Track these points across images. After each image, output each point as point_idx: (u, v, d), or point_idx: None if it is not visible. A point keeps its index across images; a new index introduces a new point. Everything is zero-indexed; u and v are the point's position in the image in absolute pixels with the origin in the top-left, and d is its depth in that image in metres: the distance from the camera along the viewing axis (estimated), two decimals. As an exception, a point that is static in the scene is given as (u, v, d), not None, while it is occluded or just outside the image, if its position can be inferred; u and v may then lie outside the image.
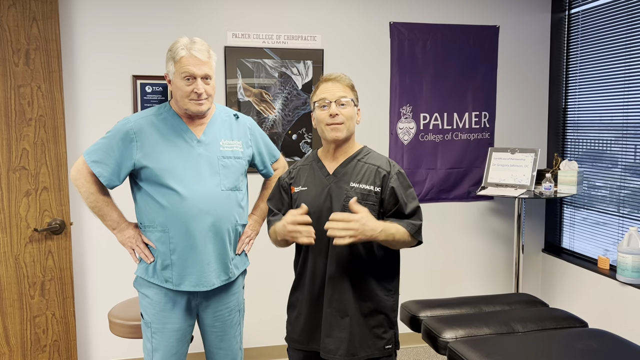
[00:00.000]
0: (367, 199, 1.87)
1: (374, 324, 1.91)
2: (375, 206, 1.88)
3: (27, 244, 2.75)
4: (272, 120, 3.39)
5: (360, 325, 1.90)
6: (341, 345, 1.89)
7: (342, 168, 1.93)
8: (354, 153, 1.96)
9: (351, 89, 1.95)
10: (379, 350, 1.91)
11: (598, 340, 2.09)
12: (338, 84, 1.93)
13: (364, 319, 1.90)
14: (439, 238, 3.72)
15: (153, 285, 2.08)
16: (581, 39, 3.56)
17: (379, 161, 1.94)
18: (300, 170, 2.02)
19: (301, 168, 2.02)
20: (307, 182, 1.97)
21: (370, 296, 1.90)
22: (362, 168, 1.92)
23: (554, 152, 3.73)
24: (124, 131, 2.01)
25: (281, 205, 2.01)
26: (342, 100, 1.90)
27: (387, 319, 1.94)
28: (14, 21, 2.67)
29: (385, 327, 1.93)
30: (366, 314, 1.90)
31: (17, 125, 2.70)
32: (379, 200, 1.89)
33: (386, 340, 1.93)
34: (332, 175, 1.94)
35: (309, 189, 1.95)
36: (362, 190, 1.88)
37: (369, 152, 1.98)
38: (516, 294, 2.73)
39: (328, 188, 1.92)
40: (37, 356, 2.83)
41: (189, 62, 1.96)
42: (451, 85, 3.63)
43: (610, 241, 3.33)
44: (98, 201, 2.05)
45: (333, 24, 3.44)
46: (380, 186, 1.89)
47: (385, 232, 1.79)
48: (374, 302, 1.91)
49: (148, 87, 3.19)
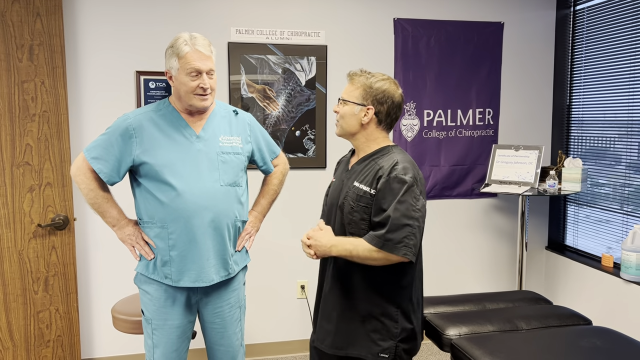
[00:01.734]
0: (361, 201, 1.85)
1: (370, 328, 1.89)
2: (369, 208, 1.84)
3: (31, 239, 2.75)
4: (275, 116, 3.38)
5: (352, 322, 1.90)
6: (327, 337, 1.95)
7: (357, 165, 1.95)
8: (373, 151, 1.93)
9: (362, 88, 1.88)
10: (373, 354, 1.89)
11: (602, 338, 2.08)
12: (349, 82, 1.97)
13: (361, 319, 1.90)
14: (442, 235, 3.72)
15: (153, 282, 2.08)
16: (586, 36, 3.54)
17: (386, 162, 1.85)
18: (340, 164, 2.12)
19: (342, 161, 2.13)
20: (337, 174, 2.07)
21: (363, 299, 1.88)
22: (369, 168, 1.89)
23: (558, 150, 3.72)
24: (123, 127, 2.01)
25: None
26: (341, 98, 1.95)
27: (385, 328, 1.88)
28: (18, 16, 2.66)
29: (382, 335, 1.88)
30: (364, 315, 1.89)
31: (21, 120, 2.70)
32: (372, 203, 1.83)
33: (382, 349, 1.88)
34: (349, 170, 1.97)
35: (335, 182, 2.04)
36: (359, 191, 1.86)
37: (388, 152, 1.91)
38: (520, 292, 2.72)
39: (342, 183, 1.97)
40: (41, 351, 2.84)
41: (194, 58, 1.96)
42: (455, 82, 3.62)
43: (614, 239, 3.32)
44: (98, 198, 2.05)
45: (337, 20, 3.43)
46: (376, 188, 1.83)
47: (337, 248, 1.81)
48: (371, 306, 1.88)
49: (151, 83, 3.19)
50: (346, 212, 1.88)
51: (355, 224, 1.86)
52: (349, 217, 1.87)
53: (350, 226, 1.87)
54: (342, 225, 1.90)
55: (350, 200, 1.87)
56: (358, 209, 1.85)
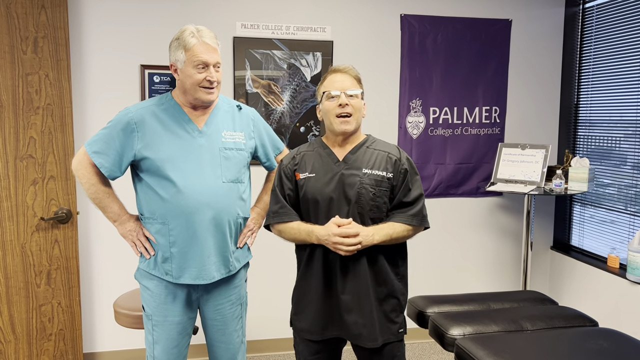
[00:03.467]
0: (381, 185, 1.89)
1: (388, 309, 1.93)
2: (388, 192, 1.90)
3: (34, 232, 2.74)
4: (280, 112, 3.36)
5: (378, 311, 1.91)
6: (363, 330, 1.90)
7: (351, 155, 1.93)
8: (361, 141, 1.99)
9: (358, 82, 1.96)
10: (394, 334, 1.95)
11: (609, 339, 2.05)
12: (347, 75, 1.93)
13: (380, 304, 1.92)
14: (447, 234, 3.69)
15: (154, 278, 2.06)
16: (595, 34, 3.50)
17: (387, 148, 1.97)
18: (305, 156, 1.99)
19: (306, 154, 2.00)
20: (314, 169, 1.94)
21: (385, 281, 1.92)
22: (372, 154, 1.93)
23: (565, 149, 3.69)
24: (124, 121, 1.99)
25: (289, 192, 1.96)
26: (350, 91, 1.90)
27: (399, 303, 1.96)
28: (23, 9, 2.65)
29: (397, 312, 1.96)
30: (382, 298, 1.92)
31: (25, 113, 2.69)
32: (390, 187, 1.90)
33: (399, 324, 1.96)
34: (342, 162, 1.93)
35: (317, 176, 1.93)
36: (376, 177, 1.89)
37: (375, 140, 2.01)
38: (525, 292, 2.70)
39: (339, 175, 1.90)
40: (43, 345, 2.83)
41: (201, 50, 1.93)
42: (462, 80, 3.59)
43: (620, 239, 3.29)
44: (99, 192, 2.03)
45: (343, 15, 3.40)
46: (393, 172, 1.91)
47: (379, 234, 1.85)
48: (389, 287, 1.93)
49: (156, 76, 3.17)
50: (367, 200, 1.88)
51: (378, 208, 1.90)
52: (371, 204, 1.88)
53: (372, 212, 1.89)
54: (360, 215, 1.88)
55: (369, 187, 1.88)
56: (380, 194, 1.89)
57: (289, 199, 1.97)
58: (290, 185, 1.97)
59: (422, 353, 3.55)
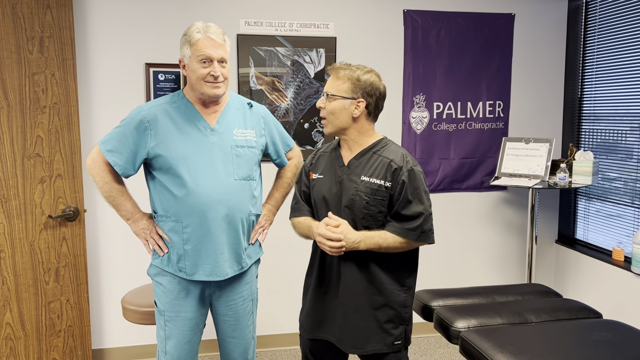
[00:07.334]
0: (377, 194, 1.84)
1: (383, 319, 1.89)
2: (385, 201, 1.85)
3: (42, 230, 2.77)
4: (284, 108, 3.37)
5: (369, 319, 1.89)
6: (345, 335, 1.90)
7: (355, 160, 1.91)
8: (370, 145, 1.92)
9: (349, 81, 1.85)
10: (387, 345, 1.90)
11: (613, 331, 2.07)
12: (333, 76, 1.90)
13: (373, 312, 1.88)
14: (452, 228, 3.70)
15: (167, 274, 2.08)
16: (598, 27, 3.49)
17: (393, 154, 1.88)
18: (320, 157, 2.03)
19: (322, 155, 2.04)
20: (324, 171, 1.98)
21: (381, 291, 1.88)
22: (375, 161, 1.88)
23: (569, 143, 3.69)
24: (137, 120, 2.01)
25: (305, 189, 2.05)
26: (328, 92, 1.88)
27: (398, 315, 1.91)
28: (28, 9, 2.67)
29: (395, 323, 1.91)
30: (377, 307, 1.89)
31: (32, 112, 2.72)
32: (388, 196, 1.85)
33: (395, 337, 1.91)
34: (346, 166, 1.92)
35: (324, 178, 1.96)
36: (372, 185, 1.85)
37: (386, 145, 1.93)
38: (529, 284, 2.71)
39: (340, 179, 1.91)
40: (52, 341, 2.87)
41: (205, 45, 1.95)
42: (465, 74, 3.59)
43: (625, 233, 3.29)
44: (113, 190, 2.05)
45: (346, 11, 3.41)
46: (391, 181, 1.84)
47: (366, 242, 1.82)
48: (386, 297, 1.89)
49: (161, 75, 3.19)
50: (360, 207, 1.85)
51: (372, 217, 1.86)
52: (363, 212, 1.85)
53: (365, 220, 1.86)
54: (353, 221, 1.87)
55: (363, 195, 1.85)
56: (374, 203, 1.84)
57: (304, 195, 2.04)
58: (306, 182, 2.04)
59: (427, 347, 3.56)
